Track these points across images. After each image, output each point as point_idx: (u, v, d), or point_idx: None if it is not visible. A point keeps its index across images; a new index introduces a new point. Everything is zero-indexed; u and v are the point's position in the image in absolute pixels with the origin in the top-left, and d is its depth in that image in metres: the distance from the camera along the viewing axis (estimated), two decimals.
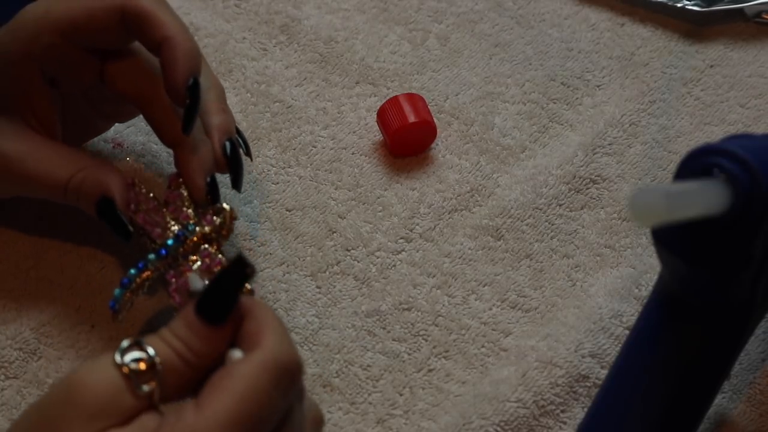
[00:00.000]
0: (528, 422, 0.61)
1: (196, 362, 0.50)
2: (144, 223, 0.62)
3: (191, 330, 0.50)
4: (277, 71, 0.76)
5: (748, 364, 0.63)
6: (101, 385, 0.48)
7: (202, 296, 0.51)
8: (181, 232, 0.62)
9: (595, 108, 0.75)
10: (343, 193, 0.70)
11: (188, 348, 0.50)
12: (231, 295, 0.50)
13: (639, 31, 0.78)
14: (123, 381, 0.48)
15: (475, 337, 0.65)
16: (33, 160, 0.63)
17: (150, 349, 0.49)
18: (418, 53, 0.77)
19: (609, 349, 0.63)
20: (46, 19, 0.62)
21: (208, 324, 0.50)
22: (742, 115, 0.74)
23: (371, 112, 0.74)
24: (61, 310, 0.65)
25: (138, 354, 0.49)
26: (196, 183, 0.63)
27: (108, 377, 0.48)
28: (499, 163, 0.72)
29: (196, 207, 0.63)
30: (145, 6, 0.62)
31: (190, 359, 0.50)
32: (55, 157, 0.63)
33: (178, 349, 0.50)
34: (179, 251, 0.62)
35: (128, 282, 0.61)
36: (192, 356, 0.50)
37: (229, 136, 0.65)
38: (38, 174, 0.63)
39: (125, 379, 0.48)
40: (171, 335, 0.50)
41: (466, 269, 0.67)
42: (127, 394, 0.48)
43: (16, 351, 0.64)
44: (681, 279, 0.55)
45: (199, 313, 0.50)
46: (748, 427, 0.62)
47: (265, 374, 0.49)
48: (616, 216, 0.70)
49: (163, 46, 0.62)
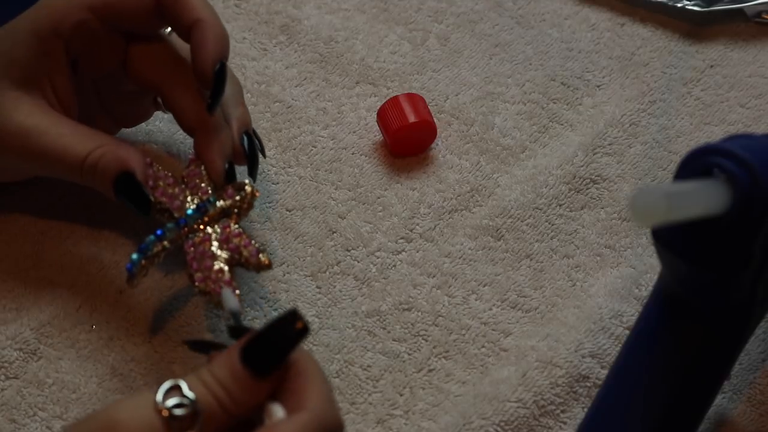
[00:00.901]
0: (528, 422, 0.61)
1: (235, 411, 0.50)
2: (162, 196, 0.62)
3: (234, 378, 0.50)
4: (277, 71, 0.76)
5: (748, 364, 0.63)
6: (140, 428, 0.48)
7: (248, 345, 0.50)
8: (202, 204, 0.62)
9: (595, 108, 0.75)
10: (343, 193, 0.70)
11: (229, 397, 0.50)
12: (282, 352, 0.50)
13: (639, 31, 0.78)
14: (162, 426, 0.48)
15: (475, 337, 0.65)
16: (52, 134, 0.62)
17: (191, 394, 0.49)
18: (419, 53, 0.77)
19: (609, 349, 0.63)
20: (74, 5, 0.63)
21: (253, 375, 0.50)
22: (743, 115, 0.74)
23: (371, 112, 0.74)
24: (62, 310, 0.65)
25: (179, 399, 0.48)
26: (216, 166, 0.64)
27: (147, 421, 0.48)
28: (499, 163, 0.72)
29: (214, 186, 0.64)
30: None
31: (230, 408, 0.50)
32: (74, 133, 0.63)
33: (220, 397, 0.49)
34: (198, 222, 0.62)
35: (145, 248, 0.61)
36: (232, 405, 0.50)
37: (247, 128, 0.66)
38: (56, 148, 0.62)
39: (164, 424, 0.48)
40: (213, 381, 0.50)
41: (466, 269, 0.67)
42: None
43: (16, 351, 0.64)
44: (681, 279, 0.55)
45: (245, 363, 0.50)
46: (749, 427, 0.62)
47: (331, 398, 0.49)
48: (616, 216, 0.70)
49: (194, 28, 0.62)
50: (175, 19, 0.64)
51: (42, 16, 0.63)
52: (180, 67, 0.64)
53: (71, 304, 0.66)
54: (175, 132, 0.72)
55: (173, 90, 0.65)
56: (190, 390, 0.49)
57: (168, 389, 0.49)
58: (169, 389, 0.49)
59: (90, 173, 0.62)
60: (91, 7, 0.63)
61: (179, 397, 0.49)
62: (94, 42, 0.64)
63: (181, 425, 0.48)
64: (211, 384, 0.50)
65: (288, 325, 0.50)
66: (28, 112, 0.63)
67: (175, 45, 0.65)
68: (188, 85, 0.64)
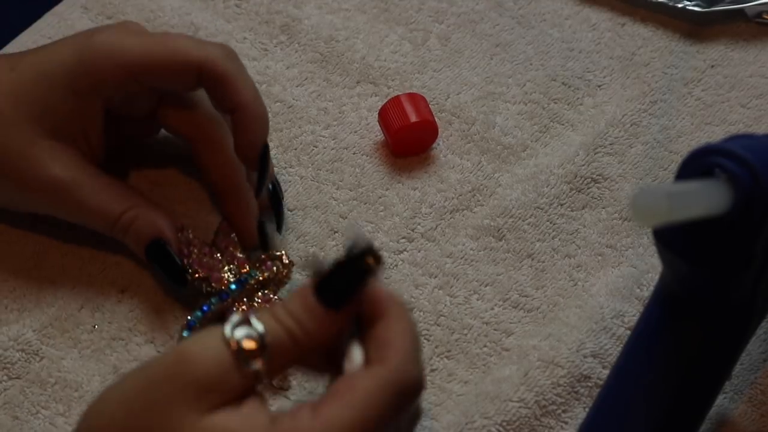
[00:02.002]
0: (530, 422, 0.61)
1: (306, 342, 0.49)
2: (198, 265, 0.64)
3: (307, 310, 0.49)
4: (278, 71, 0.76)
5: (749, 365, 0.63)
6: (210, 360, 0.48)
7: (324, 278, 0.50)
8: (244, 278, 0.64)
9: (596, 108, 0.75)
10: (344, 192, 0.71)
11: (300, 327, 0.49)
12: (355, 283, 0.50)
13: (640, 31, 0.78)
14: (231, 358, 0.48)
15: (477, 337, 0.65)
16: (87, 190, 0.63)
17: (260, 326, 0.48)
18: (419, 53, 0.77)
19: (611, 349, 0.64)
20: (121, 59, 0.62)
21: (326, 307, 0.49)
22: (743, 115, 0.75)
23: (372, 112, 0.74)
24: (64, 310, 0.65)
25: (248, 330, 0.48)
26: (248, 227, 0.65)
27: (217, 353, 0.48)
28: (501, 162, 0.72)
29: (246, 252, 0.65)
30: (224, 69, 0.63)
31: (301, 339, 0.49)
32: (109, 190, 0.64)
33: (290, 328, 0.49)
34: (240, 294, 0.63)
35: (194, 323, 0.63)
36: (303, 336, 0.49)
37: (271, 179, 0.67)
38: (91, 204, 0.63)
39: (233, 355, 0.48)
40: (284, 312, 0.49)
41: (468, 269, 0.67)
42: (234, 371, 0.48)
43: (18, 352, 0.64)
44: (682, 279, 0.55)
45: (319, 294, 0.49)
46: (749, 427, 0.62)
47: (387, 394, 0.48)
48: (617, 216, 0.70)
49: (238, 112, 0.63)
50: (216, 98, 0.64)
51: (82, 73, 0.63)
52: (213, 125, 0.65)
53: (73, 305, 0.66)
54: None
55: (205, 149, 0.66)
56: (259, 322, 0.49)
57: (237, 322, 0.49)
58: (239, 323, 0.49)
59: (122, 232, 0.64)
60: (131, 72, 0.63)
61: (248, 328, 0.48)
62: (130, 97, 0.65)
63: (251, 357, 0.48)
64: (281, 316, 0.49)
65: (359, 258, 0.50)
66: (65, 165, 0.63)
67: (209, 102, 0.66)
68: (220, 145, 0.65)
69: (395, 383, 0.49)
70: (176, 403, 0.47)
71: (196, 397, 0.47)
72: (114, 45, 0.63)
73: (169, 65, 0.63)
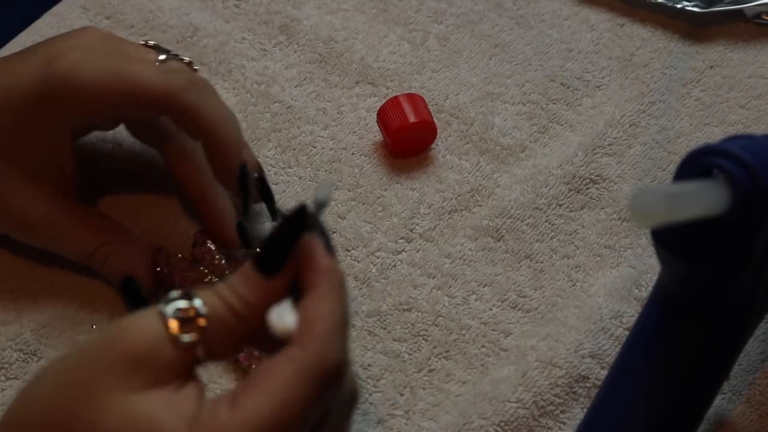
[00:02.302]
0: (528, 422, 0.61)
1: (246, 314, 0.48)
2: (183, 280, 0.64)
3: (246, 281, 0.49)
4: (277, 71, 0.76)
5: (747, 365, 0.63)
6: (142, 333, 0.47)
7: (262, 247, 0.49)
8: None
9: (594, 108, 0.75)
10: (343, 193, 0.70)
11: (241, 300, 0.48)
12: (283, 245, 0.49)
13: (639, 32, 0.78)
14: (164, 331, 0.47)
15: (475, 337, 0.65)
16: (62, 225, 0.63)
17: (197, 300, 0.48)
18: (418, 53, 0.77)
19: (609, 349, 0.63)
20: (82, 93, 0.61)
21: (263, 275, 0.49)
22: (742, 116, 0.74)
23: (371, 113, 0.74)
24: (62, 310, 0.65)
25: (184, 303, 0.48)
26: (226, 231, 0.65)
27: (150, 326, 0.47)
28: (499, 163, 0.72)
29: (228, 257, 0.65)
30: (188, 102, 0.62)
31: (242, 313, 0.48)
32: (83, 224, 0.64)
33: (229, 301, 0.48)
34: None
35: None
36: (244, 309, 0.48)
37: (258, 169, 0.66)
38: (65, 239, 0.64)
39: (167, 329, 0.47)
40: (225, 287, 0.49)
41: (467, 269, 0.67)
42: (167, 343, 0.47)
43: (16, 352, 0.64)
44: (681, 280, 0.55)
45: (257, 264, 0.49)
46: (748, 428, 0.62)
47: (306, 381, 0.47)
48: (616, 216, 0.70)
49: (209, 142, 0.63)
50: (184, 128, 0.63)
51: (45, 108, 0.61)
52: (180, 134, 0.65)
53: (71, 305, 0.65)
54: None
55: (174, 159, 0.65)
56: (198, 297, 0.48)
57: (174, 297, 0.48)
58: (176, 297, 0.48)
59: (97, 266, 0.64)
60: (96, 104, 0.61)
61: (184, 301, 0.48)
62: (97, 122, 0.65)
63: (185, 329, 0.47)
64: (223, 291, 0.49)
65: (294, 218, 0.49)
66: (39, 202, 0.63)
67: None
68: (188, 155, 0.65)
69: (314, 368, 0.47)
70: (106, 378, 0.46)
71: (126, 372, 0.46)
72: (75, 77, 0.60)
73: (131, 100, 0.61)
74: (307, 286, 0.49)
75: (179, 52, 0.76)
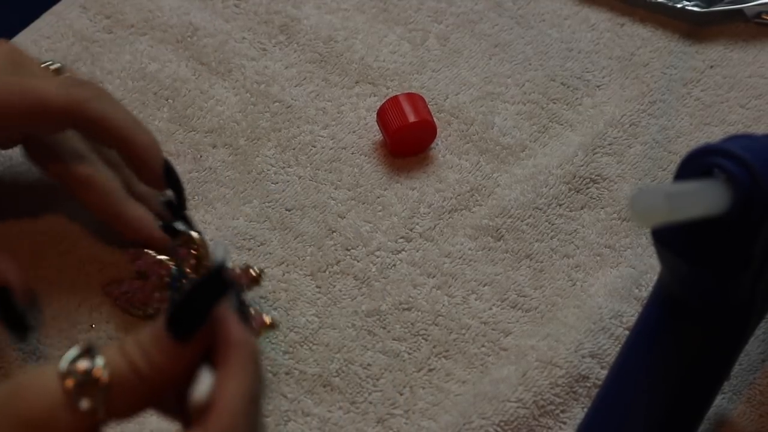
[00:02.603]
0: (528, 422, 0.61)
1: (153, 377, 0.46)
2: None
3: (155, 341, 0.46)
4: (277, 71, 0.76)
5: (747, 365, 0.63)
6: (39, 397, 0.45)
7: (175, 307, 0.46)
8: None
9: (595, 108, 0.75)
10: (342, 192, 0.70)
11: (147, 361, 0.46)
12: (199, 310, 0.46)
13: (639, 32, 0.78)
14: (62, 395, 0.45)
15: (475, 337, 0.65)
16: None
17: (99, 360, 0.45)
18: (418, 53, 0.77)
19: (609, 349, 0.63)
20: None
21: (174, 339, 0.46)
22: (742, 116, 0.74)
23: (371, 112, 0.74)
24: (60, 310, 0.65)
25: (85, 364, 0.45)
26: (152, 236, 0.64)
27: (48, 390, 0.45)
28: (499, 162, 0.72)
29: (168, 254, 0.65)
30: (93, 111, 0.61)
31: (147, 374, 0.46)
32: None
33: (135, 362, 0.46)
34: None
35: None
36: (149, 371, 0.46)
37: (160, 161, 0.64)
38: None
39: (65, 393, 0.45)
40: (133, 345, 0.46)
41: (466, 269, 0.67)
42: (64, 409, 0.45)
43: (15, 351, 0.64)
44: (681, 279, 0.55)
45: (169, 325, 0.46)
46: (748, 427, 0.62)
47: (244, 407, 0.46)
48: (616, 216, 0.70)
49: (125, 148, 0.62)
50: (95, 138, 0.63)
51: None
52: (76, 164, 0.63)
53: (70, 304, 0.65)
54: None
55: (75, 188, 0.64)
56: (101, 356, 0.45)
57: (76, 356, 0.45)
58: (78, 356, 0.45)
59: None
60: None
61: (86, 361, 0.45)
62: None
63: (79, 392, 0.45)
64: (129, 349, 0.46)
65: (209, 282, 0.47)
66: None
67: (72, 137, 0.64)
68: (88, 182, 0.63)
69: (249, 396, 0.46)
70: None
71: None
72: None
73: (30, 114, 0.60)
74: (218, 359, 0.47)
75: (179, 52, 0.76)
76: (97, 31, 0.78)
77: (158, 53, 0.76)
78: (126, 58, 0.76)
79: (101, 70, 0.75)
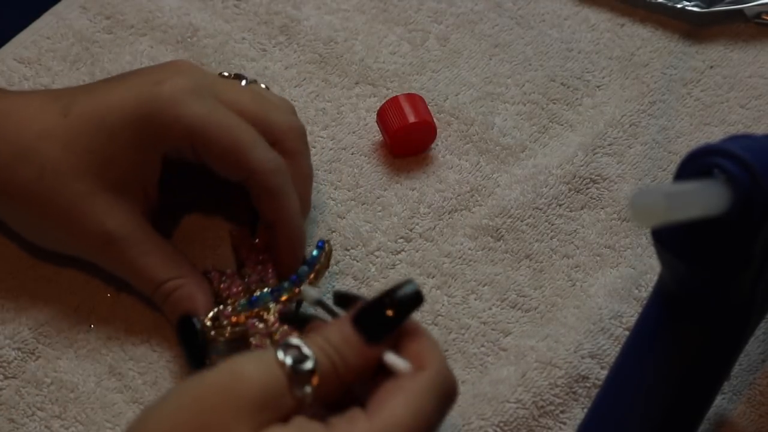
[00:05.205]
0: (527, 423, 0.61)
1: (346, 376, 0.51)
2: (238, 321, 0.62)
3: (347, 344, 0.51)
4: (277, 72, 0.76)
5: (747, 365, 0.63)
6: (266, 380, 0.49)
7: (361, 311, 0.52)
8: (278, 288, 0.62)
9: (595, 108, 0.75)
10: (342, 193, 0.70)
11: (342, 360, 0.51)
12: (398, 317, 0.52)
13: (639, 32, 0.78)
14: (286, 380, 0.49)
15: (474, 337, 0.65)
16: (137, 249, 0.62)
17: (309, 352, 0.50)
18: (418, 53, 0.77)
19: (609, 349, 0.63)
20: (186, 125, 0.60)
21: (366, 340, 0.52)
22: (742, 116, 0.74)
23: (371, 113, 0.74)
24: (60, 309, 0.65)
25: (299, 355, 0.50)
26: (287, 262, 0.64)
27: (273, 373, 0.49)
28: (499, 163, 0.72)
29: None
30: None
31: (342, 372, 0.51)
32: (158, 253, 0.62)
33: (333, 359, 0.51)
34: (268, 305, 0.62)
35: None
36: (344, 370, 0.51)
37: None
38: (138, 265, 0.62)
39: (288, 377, 0.49)
40: (326, 344, 0.51)
41: (466, 269, 0.67)
42: (288, 393, 0.49)
43: (14, 351, 0.64)
44: (681, 279, 0.55)
45: (357, 328, 0.52)
46: (748, 428, 0.62)
47: (435, 394, 0.51)
48: (616, 216, 0.70)
49: (277, 226, 0.62)
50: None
51: (145, 129, 0.61)
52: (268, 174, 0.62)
53: (70, 304, 0.65)
54: None
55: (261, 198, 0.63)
56: (309, 349, 0.50)
57: (287, 347, 0.50)
58: (290, 347, 0.50)
59: (161, 300, 0.63)
60: (193, 141, 0.61)
61: (299, 353, 0.50)
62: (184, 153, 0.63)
63: (302, 379, 0.50)
64: (324, 346, 0.51)
65: (405, 291, 0.53)
66: (120, 221, 0.62)
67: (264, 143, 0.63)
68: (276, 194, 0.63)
69: (441, 384, 0.51)
70: (230, 419, 0.48)
71: (250, 414, 0.48)
72: (179, 106, 0.61)
73: (224, 159, 0.61)
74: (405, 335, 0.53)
75: (179, 53, 0.76)
76: (97, 31, 0.77)
77: (158, 54, 0.76)
78: (126, 58, 0.76)
79: (101, 70, 0.75)
